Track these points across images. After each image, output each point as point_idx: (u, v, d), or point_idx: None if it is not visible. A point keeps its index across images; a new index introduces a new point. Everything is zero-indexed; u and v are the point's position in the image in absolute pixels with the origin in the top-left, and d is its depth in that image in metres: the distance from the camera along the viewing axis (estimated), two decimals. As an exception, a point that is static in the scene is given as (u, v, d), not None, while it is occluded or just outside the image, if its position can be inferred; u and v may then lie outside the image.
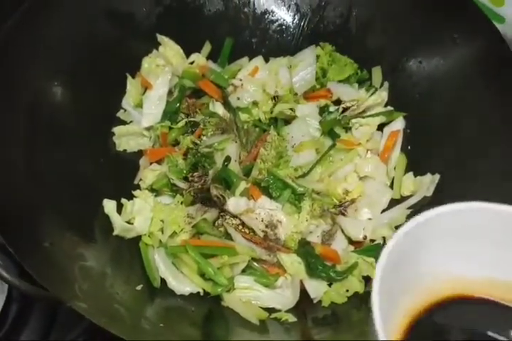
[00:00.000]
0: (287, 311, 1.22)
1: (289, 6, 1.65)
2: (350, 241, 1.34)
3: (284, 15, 1.66)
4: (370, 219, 1.36)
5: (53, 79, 1.37)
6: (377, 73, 1.57)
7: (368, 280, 1.25)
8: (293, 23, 1.66)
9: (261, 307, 1.22)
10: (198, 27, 1.63)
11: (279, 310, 1.22)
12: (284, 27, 1.67)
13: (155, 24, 1.58)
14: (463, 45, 1.41)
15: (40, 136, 1.29)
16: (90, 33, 1.46)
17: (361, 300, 1.22)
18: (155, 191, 1.41)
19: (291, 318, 1.19)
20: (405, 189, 1.42)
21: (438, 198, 1.35)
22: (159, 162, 1.45)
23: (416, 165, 1.44)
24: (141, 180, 1.44)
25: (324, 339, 1.13)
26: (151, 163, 1.45)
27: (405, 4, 1.50)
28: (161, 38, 1.59)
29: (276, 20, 1.67)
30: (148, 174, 1.42)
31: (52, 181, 1.26)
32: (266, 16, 1.66)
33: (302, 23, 1.65)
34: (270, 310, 1.22)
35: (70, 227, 1.21)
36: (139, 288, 1.21)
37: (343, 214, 1.37)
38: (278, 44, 1.67)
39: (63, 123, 1.36)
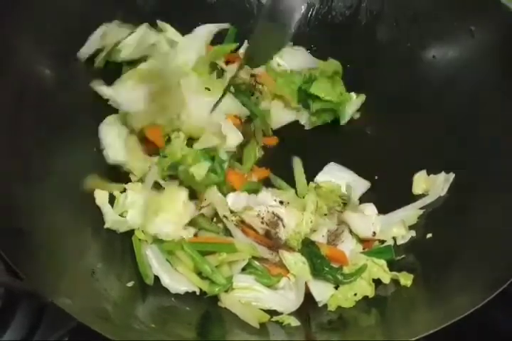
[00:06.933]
0: (290, 314, 1.17)
1: (296, -5, 1.63)
2: (359, 240, 1.30)
3: (290, 5, 1.64)
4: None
5: (43, 64, 1.32)
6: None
7: (378, 283, 1.20)
8: (299, 12, 1.63)
9: (261, 309, 1.17)
10: (202, 15, 1.59)
11: (281, 313, 1.17)
12: (289, 16, 1.64)
13: (157, 11, 1.54)
14: (480, 38, 1.37)
15: (29, 122, 1.22)
16: (83, 17, 1.39)
17: (371, 305, 1.17)
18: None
19: (294, 322, 1.14)
20: (417, 187, 1.38)
21: (453, 199, 1.31)
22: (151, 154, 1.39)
23: (429, 163, 1.40)
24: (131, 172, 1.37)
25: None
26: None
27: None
28: (162, 24, 1.53)
29: (282, 10, 1.64)
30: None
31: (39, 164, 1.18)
32: (271, 5, 1.63)
33: (309, 14, 1.61)
34: (271, 313, 1.17)
35: (57, 215, 1.15)
36: (130, 284, 1.16)
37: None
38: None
39: (53, 111, 1.29)
